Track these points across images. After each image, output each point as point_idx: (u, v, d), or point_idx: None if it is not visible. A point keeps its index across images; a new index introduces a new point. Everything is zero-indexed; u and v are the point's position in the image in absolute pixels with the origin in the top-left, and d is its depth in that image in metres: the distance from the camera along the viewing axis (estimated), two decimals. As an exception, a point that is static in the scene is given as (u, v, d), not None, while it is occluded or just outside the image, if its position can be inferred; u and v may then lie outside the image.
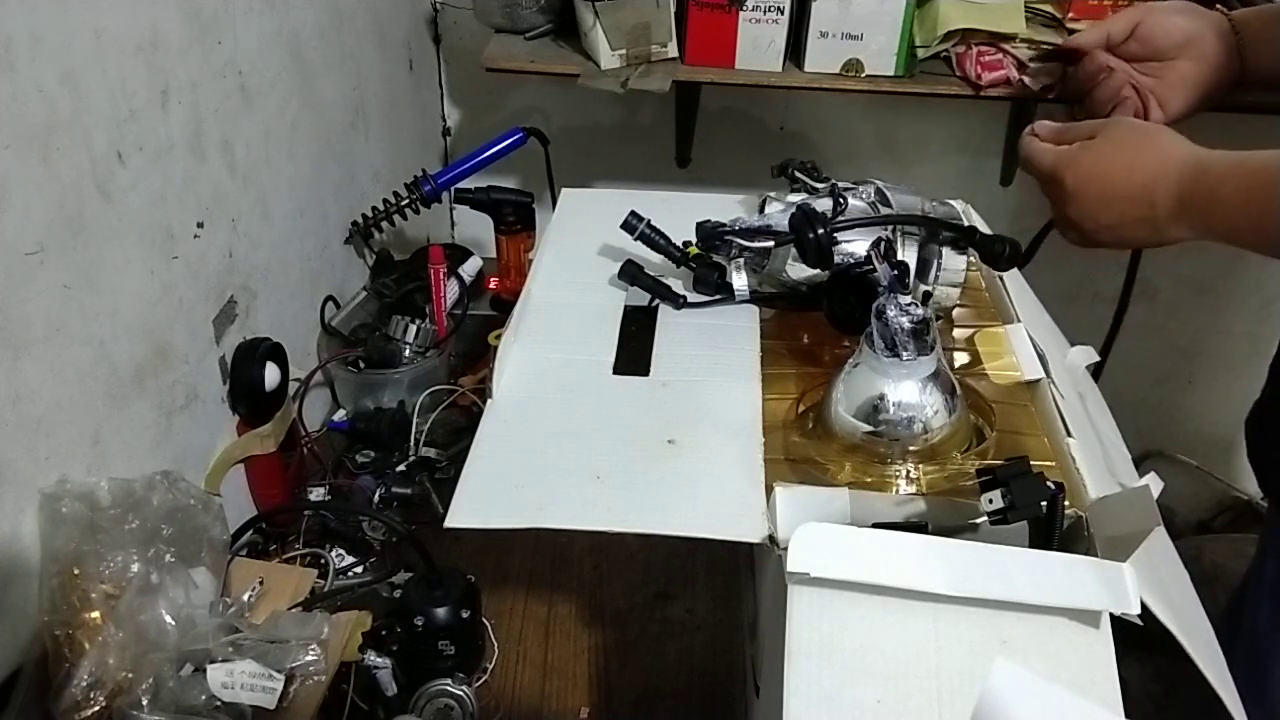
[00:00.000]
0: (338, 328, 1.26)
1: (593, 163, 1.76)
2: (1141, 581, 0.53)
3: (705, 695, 0.92)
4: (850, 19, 1.32)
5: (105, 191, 0.78)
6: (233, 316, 1.02)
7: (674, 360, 0.78)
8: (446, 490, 0.74)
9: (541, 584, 1.02)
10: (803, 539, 0.55)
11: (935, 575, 0.54)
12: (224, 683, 0.74)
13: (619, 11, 1.31)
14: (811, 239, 0.72)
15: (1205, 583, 0.84)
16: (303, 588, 0.91)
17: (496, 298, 1.44)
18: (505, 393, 0.74)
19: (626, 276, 0.84)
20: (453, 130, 1.78)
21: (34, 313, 0.71)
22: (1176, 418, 1.95)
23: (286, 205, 1.14)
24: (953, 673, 0.53)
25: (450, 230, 1.85)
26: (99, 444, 0.80)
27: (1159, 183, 0.76)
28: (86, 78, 0.75)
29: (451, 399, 1.22)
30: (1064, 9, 1.35)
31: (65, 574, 0.73)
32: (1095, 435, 0.72)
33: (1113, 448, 0.74)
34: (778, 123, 1.73)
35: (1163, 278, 1.79)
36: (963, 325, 0.83)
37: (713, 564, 1.04)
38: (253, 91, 1.03)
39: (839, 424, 0.67)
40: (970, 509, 0.62)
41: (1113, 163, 0.79)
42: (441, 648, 0.87)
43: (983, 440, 0.69)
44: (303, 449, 1.13)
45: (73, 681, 0.70)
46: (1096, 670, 0.53)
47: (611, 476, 0.66)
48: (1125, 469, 0.72)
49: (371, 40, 1.40)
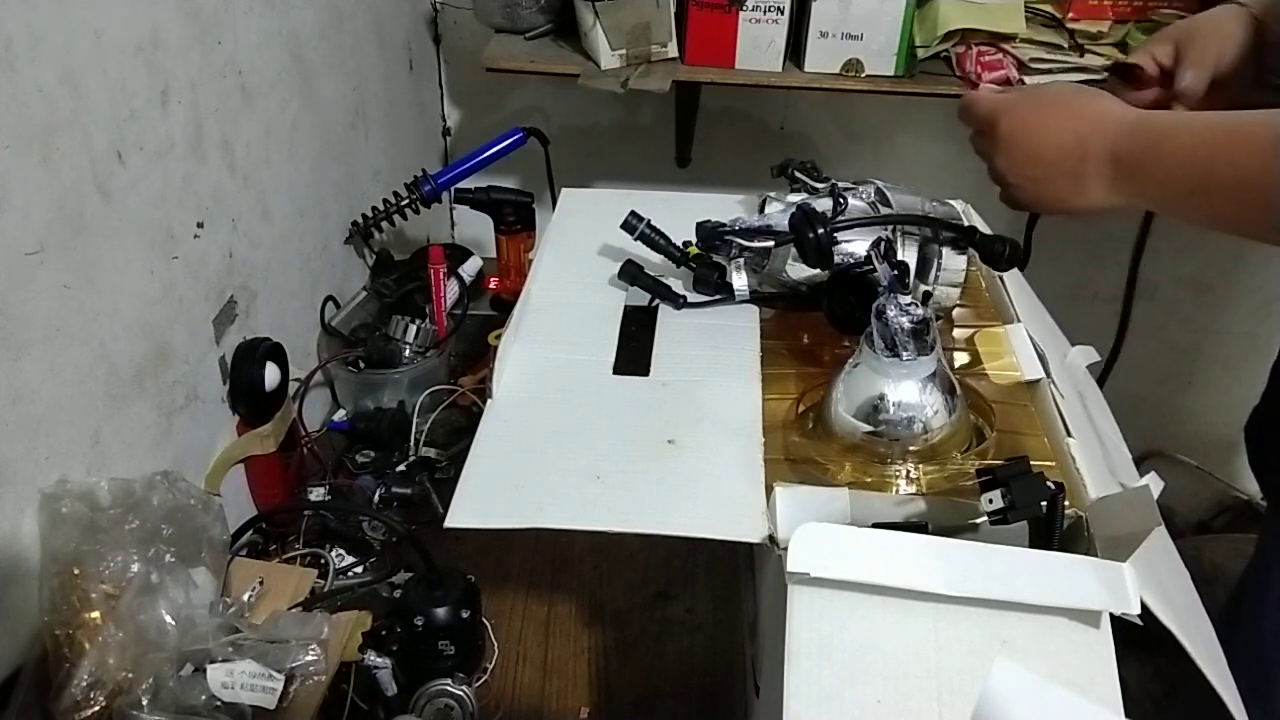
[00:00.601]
0: (338, 328, 1.26)
1: (593, 163, 1.76)
2: (1141, 581, 0.53)
3: (705, 695, 0.92)
4: (850, 19, 1.32)
5: (105, 191, 0.78)
6: (233, 316, 1.02)
7: (674, 360, 0.78)
8: (446, 490, 0.74)
9: (541, 584, 1.02)
10: (803, 539, 0.55)
11: (935, 575, 0.54)
12: (224, 683, 0.74)
13: (619, 11, 1.31)
14: (811, 239, 0.72)
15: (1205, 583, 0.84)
16: (303, 588, 0.91)
17: (496, 298, 1.44)
18: (505, 393, 0.74)
19: (626, 276, 0.84)
20: (453, 130, 1.78)
21: (34, 313, 0.71)
22: (1176, 418, 1.95)
23: (286, 205, 1.14)
24: (953, 673, 0.53)
25: (450, 230, 1.85)
26: (99, 444, 0.80)
27: (1095, 135, 0.72)
28: (86, 78, 0.75)
29: (451, 399, 1.22)
30: (1064, 9, 1.35)
31: (65, 574, 0.73)
32: (1095, 435, 0.72)
33: (1113, 448, 0.74)
34: (778, 123, 1.73)
35: (1163, 278, 1.79)
36: (963, 325, 0.83)
37: (713, 564, 1.04)
38: (253, 91, 1.03)
39: (839, 424, 0.67)
40: (970, 509, 0.62)
41: (1050, 111, 0.76)
42: (441, 648, 0.87)
43: (983, 440, 0.69)
44: (303, 449, 1.13)
45: (73, 681, 0.70)
46: (1096, 670, 0.53)
47: (611, 476, 0.66)
48: (1125, 469, 0.72)
49: (371, 40, 1.40)
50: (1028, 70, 1.33)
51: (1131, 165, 0.70)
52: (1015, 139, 0.76)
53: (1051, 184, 0.75)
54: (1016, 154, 0.77)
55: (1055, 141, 0.74)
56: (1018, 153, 0.76)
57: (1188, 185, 0.67)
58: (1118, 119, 0.72)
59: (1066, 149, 0.73)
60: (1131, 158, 0.70)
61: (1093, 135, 0.72)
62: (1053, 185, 0.75)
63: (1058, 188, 0.75)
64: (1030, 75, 1.32)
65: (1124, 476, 0.69)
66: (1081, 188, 0.73)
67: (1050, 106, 0.76)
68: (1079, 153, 0.72)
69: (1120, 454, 0.74)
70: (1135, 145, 0.70)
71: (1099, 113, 0.73)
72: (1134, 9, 1.34)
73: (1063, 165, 0.74)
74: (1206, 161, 0.65)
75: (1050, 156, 0.74)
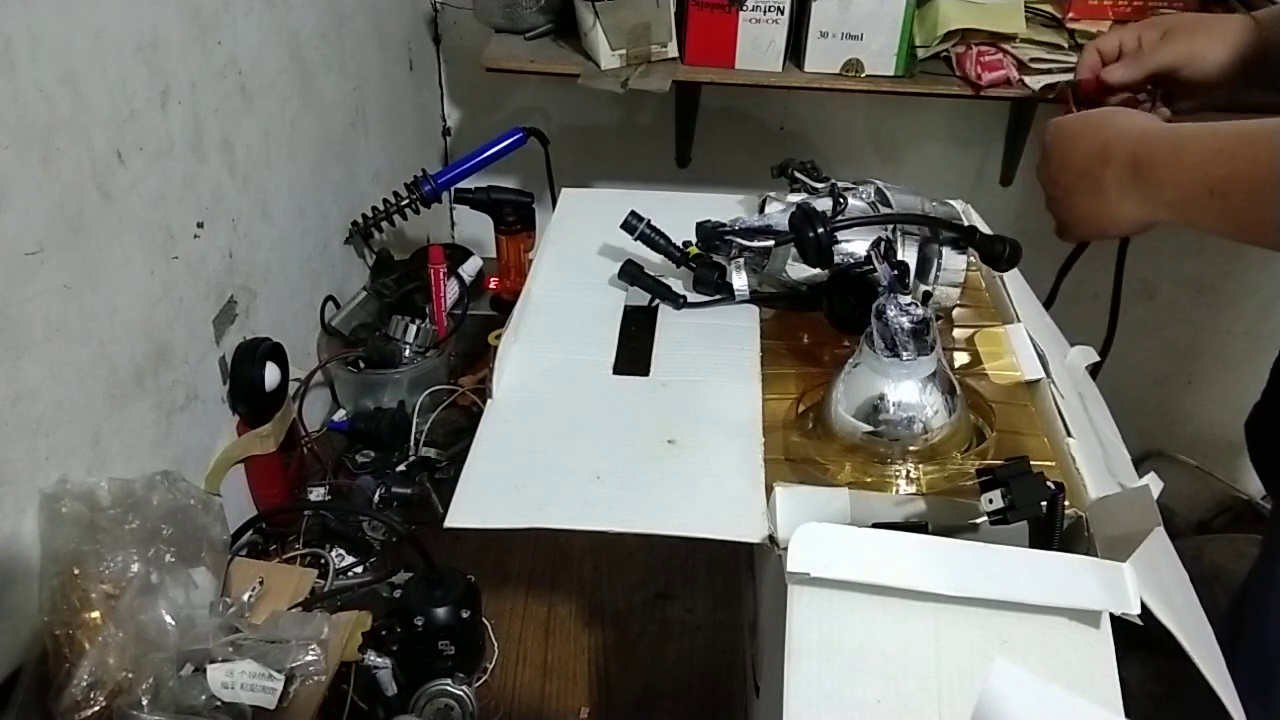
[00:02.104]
0: (338, 328, 1.26)
1: (593, 163, 1.76)
2: (1141, 581, 0.53)
3: (705, 695, 0.92)
4: (850, 19, 1.32)
5: (105, 191, 0.78)
6: (233, 316, 1.02)
7: (674, 360, 0.78)
8: (446, 490, 0.74)
9: (541, 584, 1.02)
10: (803, 539, 0.55)
11: (935, 575, 0.54)
12: (224, 683, 0.74)
13: (619, 11, 1.31)
14: (812, 238, 0.72)
15: (1205, 583, 0.84)
16: (303, 588, 0.91)
17: (496, 298, 1.44)
18: (505, 393, 0.74)
19: (626, 276, 0.84)
20: (453, 130, 1.78)
21: (34, 313, 0.71)
22: (1176, 418, 1.95)
23: (286, 205, 1.14)
24: (953, 673, 0.53)
25: (450, 230, 1.85)
26: (99, 444, 0.80)
27: (1118, 140, 0.73)
28: (86, 78, 0.75)
29: (451, 399, 1.22)
30: (1064, 9, 1.35)
31: (65, 574, 0.73)
32: (1095, 435, 0.72)
33: (1112, 448, 0.73)
34: (778, 123, 1.73)
35: (1162, 278, 1.79)
36: (963, 325, 0.83)
37: (713, 564, 1.04)
38: (253, 91, 1.03)
39: (839, 424, 0.67)
40: (970, 509, 0.62)
41: (1088, 121, 0.77)
42: (441, 648, 0.87)
43: (983, 440, 0.69)
44: (303, 449, 1.13)
45: (73, 681, 0.70)
46: (1096, 670, 0.53)
47: (611, 476, 0.66)
48: (1125, 469, 0.72)
49: (371, 40, 1.40)
50: (1027, 70, 1.33)
51: (1151, 168, 0.71)
52: (1054, 147, 0.79)
53: (1078, 193, 0.77)
54: (1053, 160, 0.79)
55: (1084, 148, 0.76)
56: (1054, 158, 0.79)
57: (1206, 185, 0.67)
58: (1142, 127, 0.73)
59: (1092, 155, 0.75)
60: (1151, 161, 0.71)
61: (1117, 140, 0.73)
62: (1079, 194, 0.77)
63: (1083, 196, 0.76)
64: (1030, 75, 1.32)
65: (1124, 476, 0.69)
66: (1104, 196, 0.74)
67: (1089, 119, 0.78)
68: (1102, 158, 0.74)
69: (1119, 454, 0.74)
70: (1156, 149, 0.71)
71: (1127, 123, 0.75)
72: (1134, 9, 1.34)
73: (1089, 173, 0.75)
74: (1228, 162, 0.66)
75: (1078, 164, 0.76)
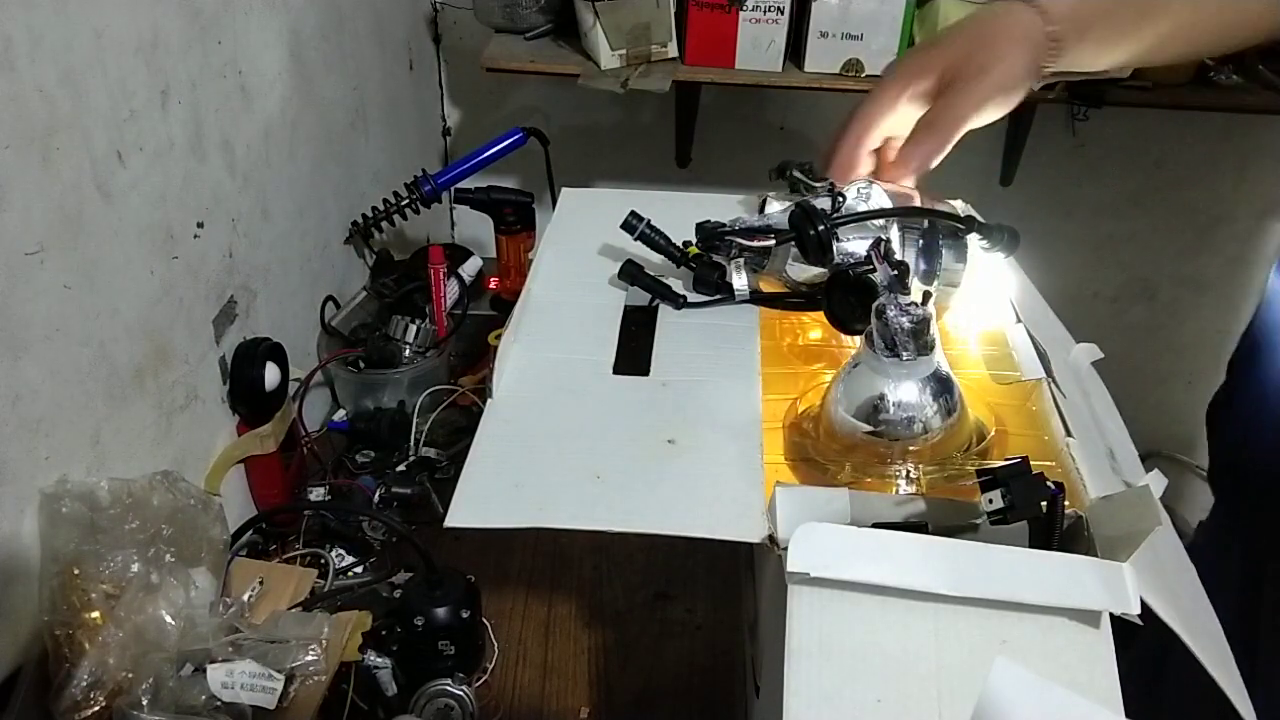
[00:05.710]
0: (338, 328, 1.26)
1: (593, 163, 1.76)
2: (1143, 581, 0.53)
3: (705, 695, 0.92)
4: (850, 19, 1.32)
5: (105, 191, 0.78)
6: (233, 316, 1.02)
7: (674, 360, 0.78)
8: (446, 490, 0.74)
9: (541, 584, 1.02)
10: (803, 539, 0.55)
11: (935, 575, 0.54)
12: (224, 683, 0.74)
13: (619, 11, 1.31)
14: (813, 235, 0.72)
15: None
16: (303, 588, 0.91)
17: (496, 298, 1.44)
18: (505, 393, 0.74)
19: (626, 276, 0.84)
20: (453, 130, 1.78)
21: (34, 313, 0.71)
22: (1177, 418, 1.95)
23: (286, 205, 1.14)
24: (953, 673, 0.53)
25: (450, 230, 1.85)
26: (99, 444, 0.80)
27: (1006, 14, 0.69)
28: (86, 78, 0.75)
29: (451, 399, 1.22)
30: (1064, 9, 1.35)
31: (65, 574, 0.73)
32: (1099, 434, 0.72)
33: (1119, 445, 0.73)
34: (778, 123, 1.73)
35: (1162, 278, 1.79)
36: (963, 325, 0.82)
37: (713, 564, 1.04)
38: (253, 91, 1.03)
39: (839, 424, 0.67)
40: (970, 509, 0.62)
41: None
42: (441, 648, 0.87)
43: (983, 440, 0.69)
44: (303, 449, 1.13)
45: (73, 681, 0.70)
46: (1096, 670, 0.53)
47: (611, 476, 0.66)
48: (1132, 465, 0.71)
49: (371, 40, 1.40)
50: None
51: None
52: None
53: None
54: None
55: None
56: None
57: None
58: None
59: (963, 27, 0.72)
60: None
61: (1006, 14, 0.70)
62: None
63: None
64: (1030, 75, 1.32)
65: (1129, 474, 0.69)
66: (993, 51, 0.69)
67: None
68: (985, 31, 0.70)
69: (1127, 450, 0.74)
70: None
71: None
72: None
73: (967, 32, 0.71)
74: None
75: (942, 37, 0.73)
